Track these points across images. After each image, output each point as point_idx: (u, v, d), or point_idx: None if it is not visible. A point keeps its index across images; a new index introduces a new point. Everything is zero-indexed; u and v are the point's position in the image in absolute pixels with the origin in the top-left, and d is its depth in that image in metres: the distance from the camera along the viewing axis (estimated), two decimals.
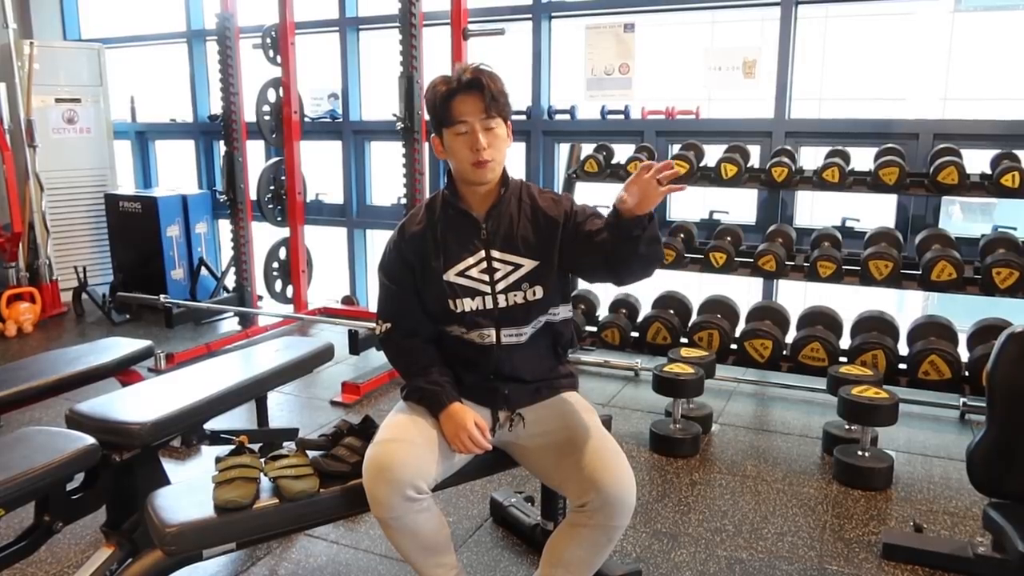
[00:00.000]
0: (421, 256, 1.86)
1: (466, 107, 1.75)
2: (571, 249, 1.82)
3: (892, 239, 3.58)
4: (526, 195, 1.88)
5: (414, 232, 1.88)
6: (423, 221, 1.88)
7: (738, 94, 4.52)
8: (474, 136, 1.75)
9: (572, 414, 1.88)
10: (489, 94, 1.74)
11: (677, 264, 3.84)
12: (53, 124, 5.56)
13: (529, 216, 1.85)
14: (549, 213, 1.85)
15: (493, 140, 1.77)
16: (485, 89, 1.74)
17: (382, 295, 1.94)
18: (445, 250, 1.84)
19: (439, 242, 1.84)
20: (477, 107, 1.74)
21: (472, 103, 1.75)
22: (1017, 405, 2.01)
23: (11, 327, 4.93)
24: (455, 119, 1.76)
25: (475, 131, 1.75)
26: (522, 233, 1.83)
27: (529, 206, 1.86)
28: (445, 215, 1.86)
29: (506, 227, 1.83)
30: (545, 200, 1.87)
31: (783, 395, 3.77)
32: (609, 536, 1.77)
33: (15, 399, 2.55)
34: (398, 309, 1.90)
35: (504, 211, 1.84)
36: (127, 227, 5.56)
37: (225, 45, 4.86)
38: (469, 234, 1.84)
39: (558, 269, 1.85)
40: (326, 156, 5.65)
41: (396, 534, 1.75)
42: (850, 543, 2.45)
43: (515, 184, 1.90)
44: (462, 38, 4.18)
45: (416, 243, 1.87)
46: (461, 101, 1.76)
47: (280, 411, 3.57)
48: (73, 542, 2.42)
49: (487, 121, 1.75)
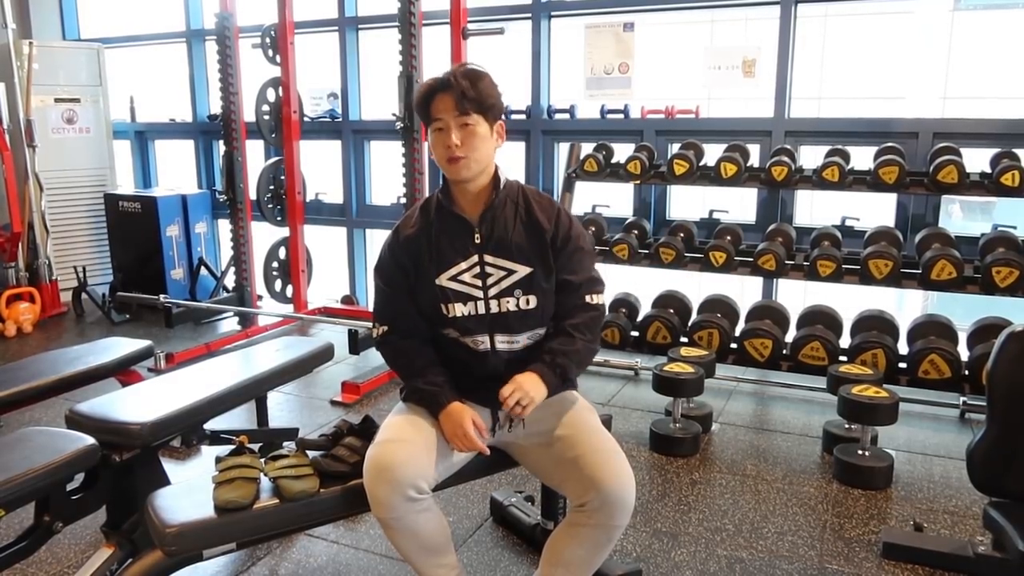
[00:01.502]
0: (415, 259, 1.86)
1: (440, 105, 1.78)
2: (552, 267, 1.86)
3: (892, 238, 3.57)
4: (521, 199, 1.88)
5: (408, 235, 1.88)
6: (417, 224, 1.89)
7: (738, 93, 4.53)
8: (447, 133, 1.77)
9: (572, 414, 1.88)
10: (459, 91, 1.76)
11: (677, 263, 3.84)
12: (52, 124, 5.55)
13: (524, 221, 1.85)
14: (541, 222, 1.85)
15: (468, 137, 1.77)
16: (454, 86, 1.76)
17: (378, 298, 1.95)
18: (438, 254, 1.84)
19: (432, 245, 1.85)
20: (449, 104, 1.77)
21: (445, 101, 1.77)
22: (1017, 404, 2.01)
23: (11, 327, 4.93)
24: (432, 117, 1.80)
25: (448, 128, 1.77)
26: (516, 239, 1.83)
27: (524, 211, 1.86)
28: (439, 218, 1.87)
29: (500, 231, 1.84)
30: (540, 206, 1.88)
31: (783, 394, 3.77)
32: (609, 535, 1.77)
33: (15, 399, 2.55)
34: (394, 311, 1.90)
35: (498, 215, 1.85)
36: (127, 227, 5.56)
37: (224, 45, 4.86)
38: (463, 238, 1.84)
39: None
40: (325, 156, 5.65)
41: (397, 534, 1.76)
42: (850, 542, 2.45)
43: (510, 186, 1.90)
44: (461, 37, 4.18)
45: (410, 246, 1.87)
46: (438, 99, 1.78)
47: (280, 411, 3.57)
48: (73, 542, 2.42)
49: (461, 118, 1.77)
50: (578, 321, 1.85)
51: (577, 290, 1.87)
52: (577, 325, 1.85)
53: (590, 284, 1.89)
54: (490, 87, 1.81)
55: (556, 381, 1.81)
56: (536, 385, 1.77)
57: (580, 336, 1.84)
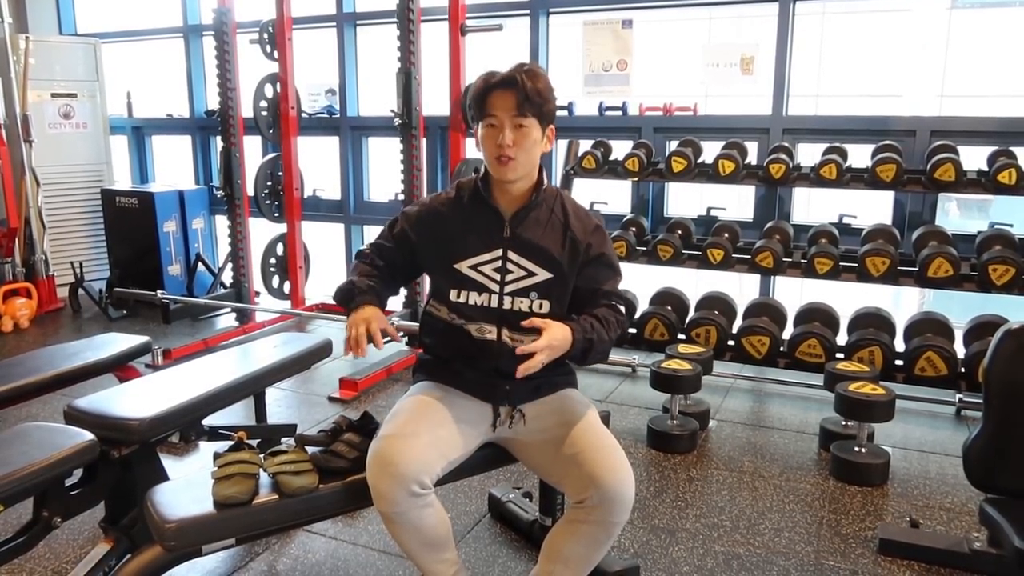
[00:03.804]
0: (436, 234, 1.88)
1: (499, 102, 1.76)
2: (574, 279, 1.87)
3: (889, 236, 3.58)
4: (559, 207, 1.89)
5: (437, 210, 1.90)
6: (449, 203, 1.91)
7: (736, 91, 4.53)
8: (501, 131, 1.76)
9: (571, 410, 1.89)
10: (523, 92, 1.74)
11: (675, 261, 3.84)
12: (49, 119, 5.53)
13: (557, 229, 1.85)
14: (576, 233, 1.85)
15: (521, 139, 1.77)
16: (519, 87, 1.74)
17: (382, 233, 2.00)
18: (463, 239, 1.85)
19: (460, 229, 1.86)
20: (509, 103, 1.75)
21: (505, 99, 1.75)
22: (1013, 401, 2.02)
23: (7, 323, 4.91)
24: (487, 112, 1.78)
25: (503, 126, 1.76)
26: (545, 244, 1.84)
27: (560, 220, 1.87)
28: (472, 204, 1.87)
29: (531, 232, 1.84)
30: (578, 218, 1.88)
31: (780, 391, 3.78)
32: (608, 532, 1.77)
33: (12, 395, 2.53)
34: (382, 251, 1.96)
35: (532, 216, 1.85)
36: (124, 222, 5.54)
37: (222, 40, 4.85)
38: (491, 230, 1.85)
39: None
40: (323, 152, 5.64)
41: (399, 529, 1.76)
42: (847, 538, 2.46)
43: (550, 192, 1.90)
44: (460, 34, 4.18)
45: (434, 221, 1.89)
46: (496, 96, 1.77)
47: (278, 407, 3.57)
48: (72, 538, 2.42)
49: (517, 119, 1.76)
50: (608, 316, 1.84)
51: (607, 296, 1.88)
52: (607, 318, 1.84)
53: (617, 296, 1.91)
54: (548, 90, 1.80)
55: (579, 349, 1.76)
56: (564, 344, 1.73)
57: (608, 329, 1.83)
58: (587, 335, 1.77)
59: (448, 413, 1.84)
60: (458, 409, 1.86)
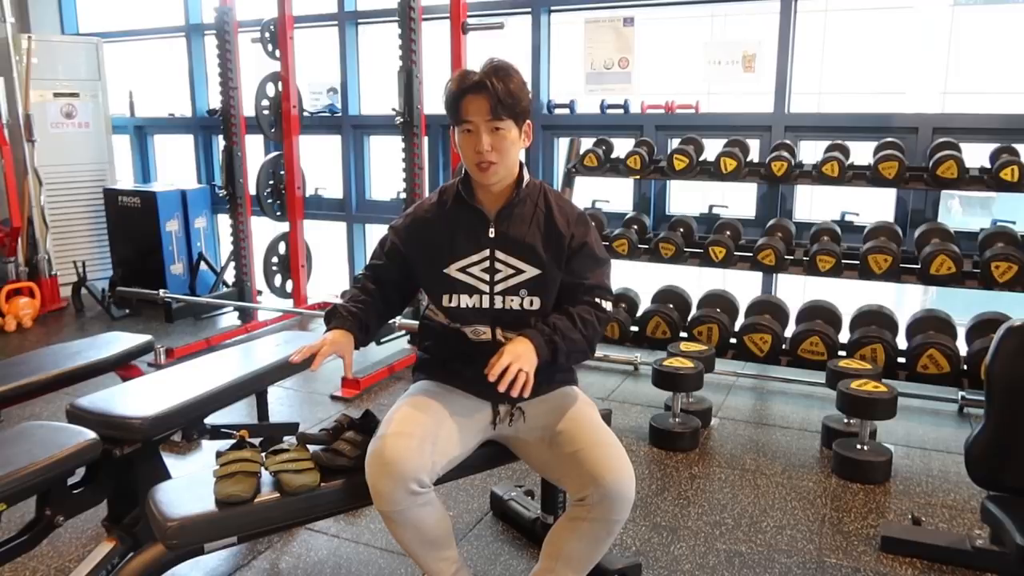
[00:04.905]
0: (425, 243, 1.87)
1: (473, 107, 1.74)
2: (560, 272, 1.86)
3: (891, 233, 3.58)
4: (542, 201, 1.87)
5: (423, 219, 1.89)
6: (433, 209, 1.90)
7: (738, 88, 4.52)
8: (477, 137, 1.74)
9: (572, 408, 1.89)
10: (495, 96, 1.72)
11: (676, 258, 3.84)
12: (51, 119, 5.54)
13: (542, 223, 1.85)
14: (559, 225, 1.84)
15: (499, 142, 1.75)
16: (491, 91, 1.72)
17: (372, 258, 1.99)
18: (451, 243, 1.84)
19: (446, 234, 1.85)
20: (483, 108, 1.73)
21: (479, 104, 1.73)
22: (1015, 398, 2.01)
23: (10, 322, 4.93)
24: (462, 118, 1.76)
25: (479, 132, 1.74)
26: (530, 240, 1.83)
27: (544, 213, 1.86)
28: (456, 207, 1.87)
29: (516, 230, 1.83)
30: (561, 210, 1.87)
31: (782, 389, 3.78)
32: (609, 530, 1.77)
33: (15, 394, 2.54)
34: (376, 274, 1.95)
35: (516, 213, 1.84)
36: (126, 222, 5.55)
37: (224, 39, 4.85)
38: (477, 231, 1.84)
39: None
40: (325, 151, 5.65)
41: (399, 528, 1.76)
42: (849, 536, 2.46)
43: (532, 186, 1.88)
44: (461, 32, 4.17)
45: (421, 229, 1.88)
46: (469, 101, 1.74)
47: (280, 406, 3.58)
48: (75, 536, 2.43)
49: (493, 122, 1.74)
50: (584, 314, 1.83)
51: (589, 291, 1.86)
52: (582, 316, 1.83)
53: (601, 290, 1.88)
54: (521, 88, 1.77)
55: (546, 354, 1.75)
56: (528, 353, 1.72)
57: (580, 327, 1.81)
58: (549, 338, 1.76)
59: (447, 411, 1.84)
60: (457, 407, 1.86)
